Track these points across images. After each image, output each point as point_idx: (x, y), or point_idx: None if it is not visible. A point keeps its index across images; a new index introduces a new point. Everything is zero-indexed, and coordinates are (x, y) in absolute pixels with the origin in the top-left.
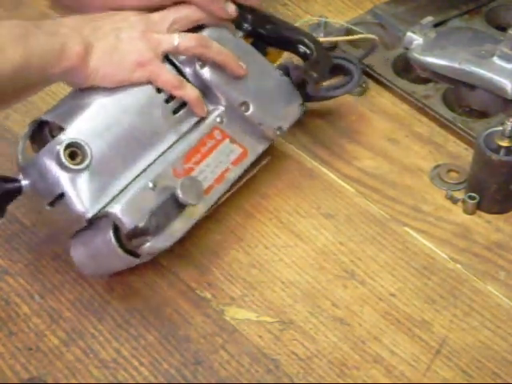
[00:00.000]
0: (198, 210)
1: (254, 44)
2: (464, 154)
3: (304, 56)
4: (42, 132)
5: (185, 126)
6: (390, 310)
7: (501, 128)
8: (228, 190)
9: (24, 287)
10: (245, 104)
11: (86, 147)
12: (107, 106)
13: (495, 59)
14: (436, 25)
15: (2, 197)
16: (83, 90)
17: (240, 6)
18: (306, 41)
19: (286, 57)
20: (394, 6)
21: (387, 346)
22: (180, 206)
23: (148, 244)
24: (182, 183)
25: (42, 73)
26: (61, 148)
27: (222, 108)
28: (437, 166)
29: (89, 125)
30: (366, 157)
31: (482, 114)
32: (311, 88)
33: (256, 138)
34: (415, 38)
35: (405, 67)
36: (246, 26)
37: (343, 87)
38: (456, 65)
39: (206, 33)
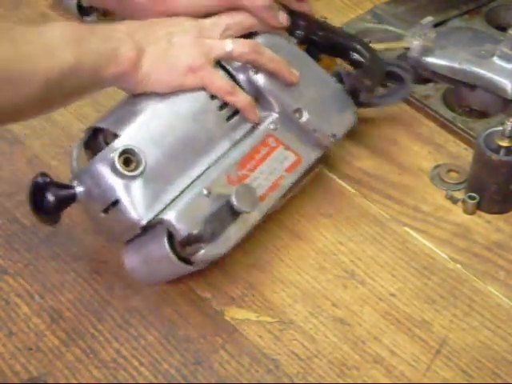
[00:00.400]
0: (252, 217)
1: (307, 50)
2: (464, 154)
3: (357, 63)
4: (96, 139)
5: (238, 133)
6: (390, 310)
7: (501, 128)
8: (282, 197)
9: (24, 287)
10: (299, 111)
11: (140, 154)
12: (161, 113)
13: (495, 59)
14: (436, 25)
15: (57, 203)
16: (136, 96)
17: (293, 13)
18: (360, 48)
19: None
20: (394, 5)
21: (387, 346)
22: (234, 214)
23: (202, 251)
24: (236, 190)
25: (93, 77)
26: (115, 155)
27: (275, 115)
28: (437, 166)
29: (143, 131)
30: (366, 157)
31: (482, 114)
32: (364, 96)
33: (310, 146)
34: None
35: None
36: (298, 32)
37: (396, 94)
38: (456, 65)
39: (259, 39)
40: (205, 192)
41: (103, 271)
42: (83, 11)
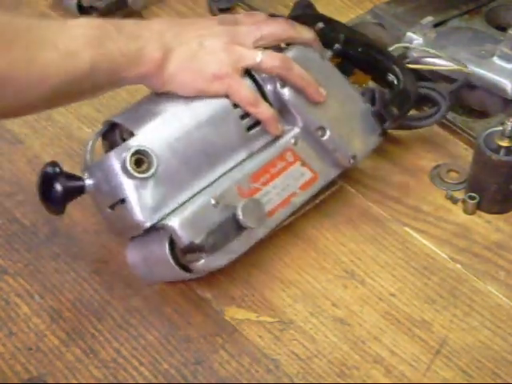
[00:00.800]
0: (258, 233)
1: (341, 64)
2: (464, 154)
3: (390, 85)
4: (113, 132)
5: (257, 145)
6: (390, 310)
7: (501, 128)
8: (292, 215)
9: (24, 287)
10: (322, 129)
11: (153, 156)
12: (181, 116)
13: (495, 59)
14: (436, 25)
15: (64, 194)
16: (159, 96)
17: (334, 26)
18: (397, 69)
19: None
20: (394, 5)
21: (387, 346)
22: (240, 228)
23: (202, 261)
24: (244, 205)
25: (111, 77)
26: (128, 155)
27: (297, 129)
28: (437, 166)
29: (159, 133)
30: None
31: (482, 114)
32: (389, 124)
33: (328, 164)
34: (415, 38)
35: None
36: (336, 46)
37: (430, 118)
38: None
39: (291, 52)
40: (213, 202)
41: (103, 271)
42: (83, 11)
